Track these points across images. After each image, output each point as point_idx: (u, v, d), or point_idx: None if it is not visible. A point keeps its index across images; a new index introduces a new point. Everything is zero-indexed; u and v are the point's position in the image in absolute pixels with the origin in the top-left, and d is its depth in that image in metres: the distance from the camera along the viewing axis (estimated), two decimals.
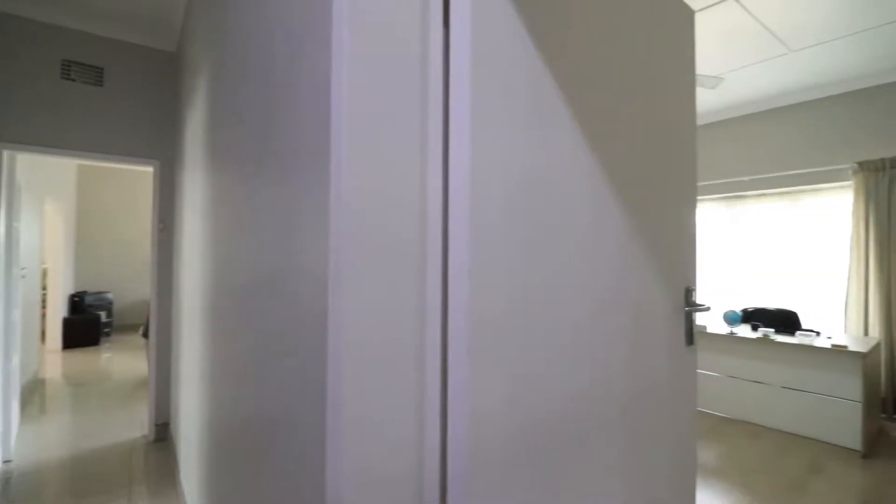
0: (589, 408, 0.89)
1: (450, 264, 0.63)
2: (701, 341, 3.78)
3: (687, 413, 1.14)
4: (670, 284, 1.10)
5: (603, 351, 0.93)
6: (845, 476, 2.68)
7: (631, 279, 1.00)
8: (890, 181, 3.73)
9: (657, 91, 1.09)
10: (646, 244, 1.04)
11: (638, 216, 1.02)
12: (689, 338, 1.13)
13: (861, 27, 3.10)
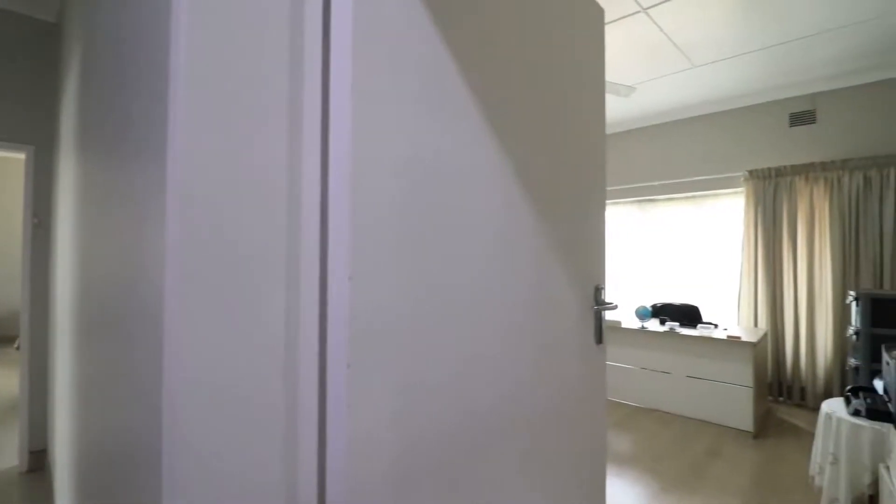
0: (494, 415, 0.85)
1: (329, 268, 0.54)
2: (616, 336, 3.98)
3: (597, 411, 1.14)
4: (580, 284, 1.09)
5: (510, 355, 0.88)
6: (739, 456, 2.94)
7: (541, 280, 0.97)
8: (775, 188, 4.18)
9: (568, 91, 1.08)
10: (556, 243, 1.02)
11: (548, 215, 1.00)
12: (598, 336, 1.13)
13: (753, 47, 3.42)
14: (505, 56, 0.89)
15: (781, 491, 2.50)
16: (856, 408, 1.99)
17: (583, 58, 1.13)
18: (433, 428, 0.71)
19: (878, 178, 3.65)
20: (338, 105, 0.56)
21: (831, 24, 3.05)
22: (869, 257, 3.66)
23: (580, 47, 1.13)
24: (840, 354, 3.75)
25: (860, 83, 3.86)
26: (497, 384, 0.86)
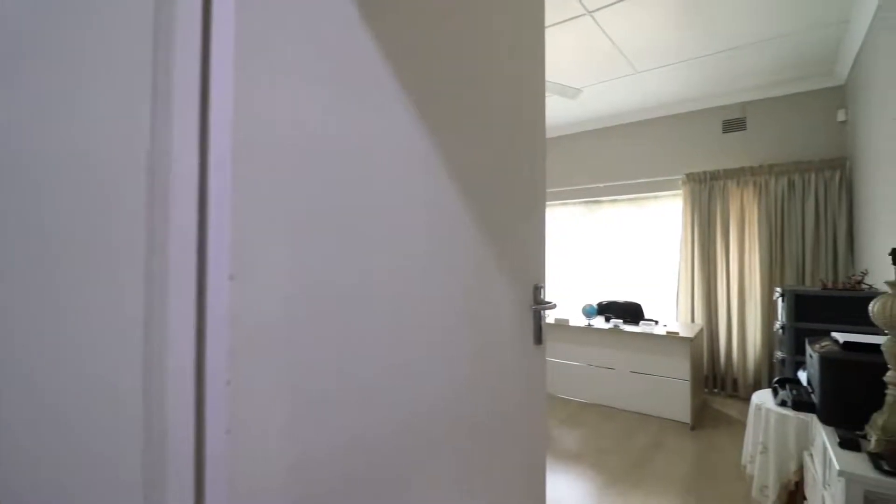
0: (424, 424, 0.77)
1: (208, 266, 0.45)
2: (565, 334, 4.04)
3: (536, 413, 1.10)
4: (519, 283, 1.04)
5: (441, 359, 0.81)
6: (678, 448, 3.04)
7: (477, 279, 0.91)
8: (710, 191, 4.40)
9: (507, 87, 1.03)
10: (494, 241, 0.96)
11: (485, 213, 0.94)
12: (537, 336, 1.09)
13: (689, 56, 3.58)
14: (439, 49, 0.83)
15: (717, 480, 2.61)
16: (782, 399, 2.09)
17: (522, 54, 1.09)
18: (346, 446, 0.62)
19: (801, 182, 3.93)
20: (220, 61, 0.47)
21: (756, 37, 3.24)
22: (793, 256, 3.93)
23: (520, 43, 1.08)
24: (768, 347, 3.99)
25: (785, 94, 4.14)
26: (426, 391, 0.78)
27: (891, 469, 1.15)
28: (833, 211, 3.76)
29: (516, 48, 1.07)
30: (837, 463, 1.23)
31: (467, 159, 0.90)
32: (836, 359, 1.51)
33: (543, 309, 1.07)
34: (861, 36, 3.06)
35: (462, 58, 0.89)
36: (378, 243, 0.69)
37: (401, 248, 0.73)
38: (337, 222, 0.61)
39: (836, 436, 1.37)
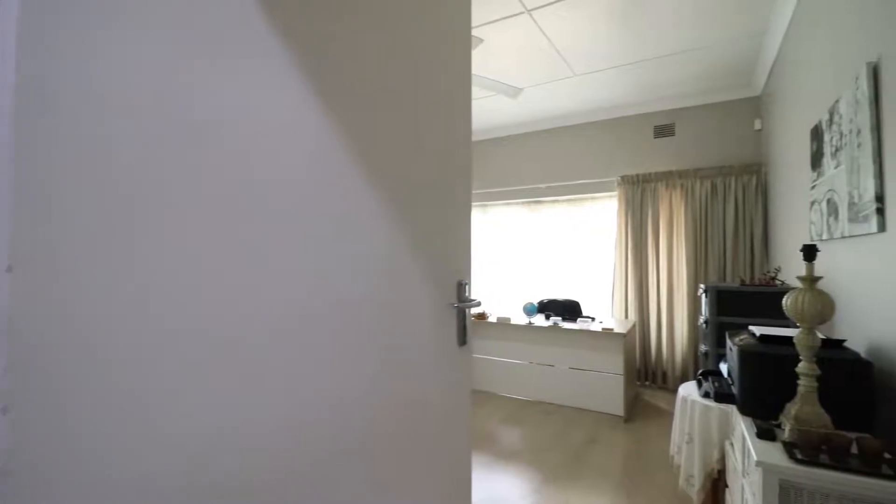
0: (325, 443, 0.67)
1: None
2: (506, 332, 4.06)
3: (459, 417, 1.03)
4: (440, 280, 0.97)
5: (343, 369, 0.72)
6: (613, 441, 3.12)
7: (390, 275, 0.82)
8: (642, 193, 4.59)
9: (432, 78, 0.95)
10: (410, 235, 0.88)
11: (400, 205, 0.85)
12: (461, 337, 1.02)
13: (623, 62, 3.70)
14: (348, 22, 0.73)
15: (648, 471, 2.69)
16: (706, 390, 2.18)
17: (446, 41, 1.02)
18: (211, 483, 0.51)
19: (722, 185, 4.19)
20: None
21: (683, 47, 3.41)
22: (715, 254, 4.18)
23: (444, 30, 1.01)
24: (694, 341, 4.23)
25: (709, 102, 4.41)
26: (323, 407, 0.68)
27: (803, 458, 1.19)
28: (750, 212, 4.04)
29: (440, 34, 1.00)
30: (755, 453, 1.26)
31: (379, 149, 0.81)
32: (753, 351, 1.57)
33: (468, 307, 1.00)
34: (775, 49, 3.30)
35: (378, 40, 0.80)
36: (255, 235, 0.58)
37: (290, 241, 0.63)
38: (185, 209, 0.50)
39: (754, 426, 1.41)
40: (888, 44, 1.43)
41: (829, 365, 1.37)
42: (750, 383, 1.57)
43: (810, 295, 1.34)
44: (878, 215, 1.50)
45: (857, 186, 1.65)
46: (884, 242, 1.49)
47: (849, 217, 1.76)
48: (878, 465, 1.14)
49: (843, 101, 1.78)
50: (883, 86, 1.47)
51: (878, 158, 1.50)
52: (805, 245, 1.37)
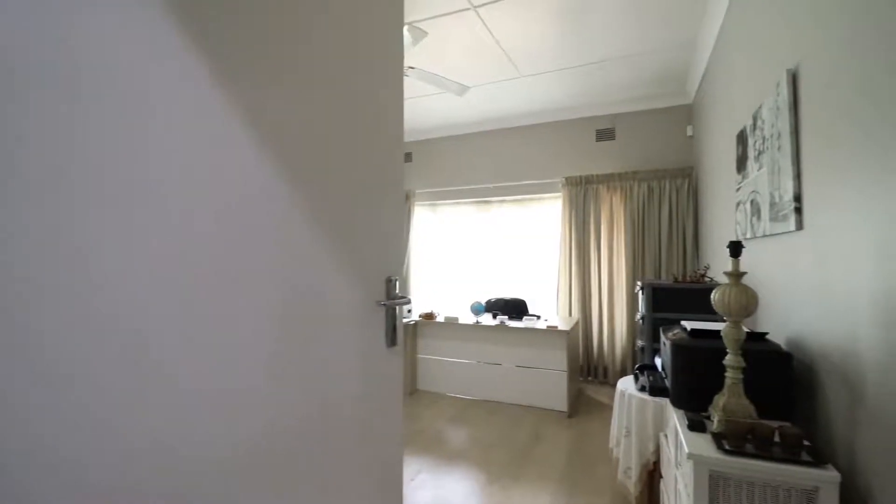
0: (226, 468, 0.58)
1: None
2: (454, 332, 4.02)
3: (389, 425, 0.96)
4: (365, 276, 0.89)
5: (227, 366, 0.62)
6: (557, 437, 3.16)
7: (301, 270, 0.73)
8: (584, 194, 4.73)
9: (357, 69, 0.87)
10: (327, 226, 0.79)
11: (312, 196, 0.77)
12: (391, 337, 0.95)
13: (567, 65, 3.77)
14: None
15: (589, 465, 2.74)
16: (642, 384, 2.24)
17: (377, 35, 0.94)
18: None
19: (658, 188, 4.39)
20: None
21: (622, 52, 3.53)
22: (652, 253, 4.38)
23: (375, 25, 0.93)
24: (632, 337, 4.40)
25: (647, 109, 4.61)
26: (222, 424, 0.59)
27: (731, 448, 1.23)
28: (683, 213, 4.27)
29: (369, 24, 0.92)
30: (687, 445, 1.29)
31: (295, 143, 0.72)
32: (684, 345, 1.62)
33: (397, 304, 0.93)
34: (705, 59, 3.49)
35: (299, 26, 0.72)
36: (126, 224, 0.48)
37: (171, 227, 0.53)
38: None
39: (686, 418, 1.45)
40: (806, 52, 1.51)
41: (752, 357, 1.43)
42: (682, 376, 1.61)
43: (736, 290, 1.38)
44: (797, 214, 1.58)
45: (778, 187, 1.75)
46: (801, 240, 1.58)
47: (770, 217, 1.87)
48: (798, 451, 1.19)
49: (766, 106, 1.88)
50: (801, 91, 1.56)
51: (797, 160, 1.59)
52: (731, 242, 1.42)
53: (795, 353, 1.62)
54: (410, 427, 3.33)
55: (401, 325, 0.96)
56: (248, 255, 0.64)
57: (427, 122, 5.33)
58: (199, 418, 0.58)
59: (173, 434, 0.54)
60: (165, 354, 0.54)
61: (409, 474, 2.64)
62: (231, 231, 0.61)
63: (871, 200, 1.12)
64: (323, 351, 0.77)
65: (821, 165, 1.42)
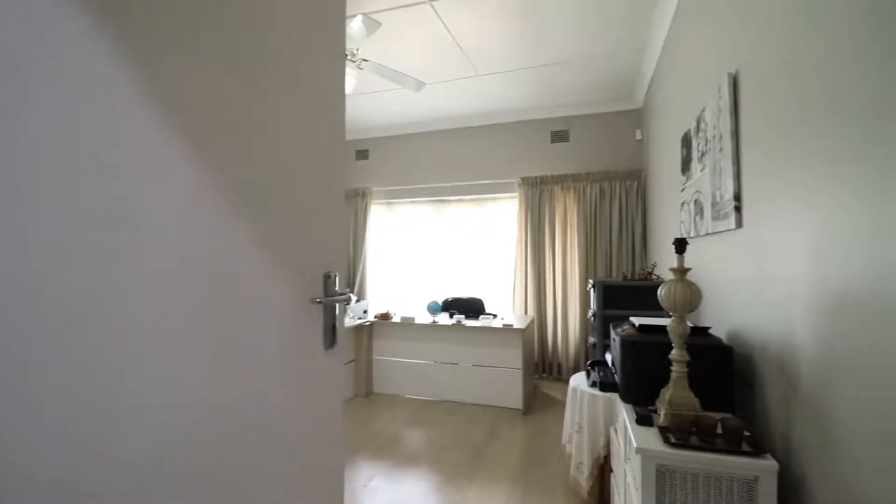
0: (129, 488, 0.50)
1: None
2: (410, 332, 3.96)
3: (327, 434, 0.89)
4: (300, 272, 0.81)
5: (130, 382, 0.54)
6: (512, 434, 3.17)
7: (215, 263, 0.65)
8: (540, 194, 4.79)
9: (295, 57, 0.80)
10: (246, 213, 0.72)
11: (231, 182, 0.69)
12: (329, 338, 0.88)
13: (523, 65, 3.80)
14: None
15: (543, 462, 2.76)
16: (593, 380, 2.27)
17: (315, 12, 0.87)
18: None
19: (609, 189, 4.52)
20: None
21: (576, 55, 3.60)
22: (603, 252, 4.50)
23: (310, 10, 0.86)
24: (585, 333, 4.51)
25: (599, 112, 4.73)
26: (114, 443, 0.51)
27: (676, 441, 1.25)
28: (632, 214, 4.42)
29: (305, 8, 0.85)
30: (635, 440, 1.30)
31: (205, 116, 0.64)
32: (632, 341, 1.65)
33: (336, 302, 0.86)
34: (653, 65, 3.62)
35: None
36: None
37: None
38: None
39: (634, 413, 1.47)
40: (746, 56, 1.57)
41: (696, 351, 1.46)
42: (630, 371, 1.63)
43: (681, 286, 1.41)
44: (736, 213, 1.64)
45: (720, 187, 1.81)
46: (741, 237, 1.64)
47: (712, 215, 1.94)
48: (739, 442, 1.23)
49: (709, 109, 1.95)
50: (741, 95, 1.62)
51: (737, 161, 1.65)
52: (676, 238, 1.45)
53: (736, 346, 1.68)
54: (365, 431, 3.24)
55: (342, 324, 0.89)
56: (144, 250, 0.56)
57: (384, 118, 5.23)
58: (83, 437, 0.49)
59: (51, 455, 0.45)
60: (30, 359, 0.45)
61: (361, 480, 2.56)
62: (116, 222, 0.53)
63: (805, 199, 1.17)
64: (246, 356, 0.70)
65: (758, 166, 1.48)
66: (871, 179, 0.89)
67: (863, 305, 0.92)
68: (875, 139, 0.87)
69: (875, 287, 0.87)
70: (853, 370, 0.95)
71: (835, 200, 1.02)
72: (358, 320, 4.04)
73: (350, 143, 5.76)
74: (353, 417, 3.50)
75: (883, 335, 0.86)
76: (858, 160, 0.93)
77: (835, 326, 1.02)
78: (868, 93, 0.90)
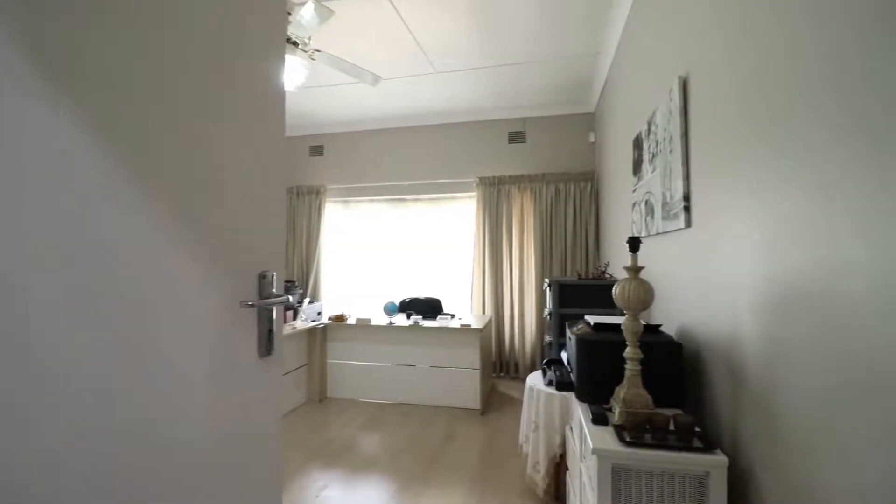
0: None
1: None
2: (366, 334, 3.85)
3: (264, 452, 0.80)
4: (228, 270, 0.73)
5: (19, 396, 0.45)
6: (469, 435, 3.14)
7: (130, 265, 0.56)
8: (497, 194, 4.81)
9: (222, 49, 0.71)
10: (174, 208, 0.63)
11: (149, 170, 0.60)
12: (265, 346, 0.79)
13: (481, 64, 3.79)
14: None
15: (500, 462, 2.75)
16: (549, 379, 2.28)
17: None
18: None
19: (564, 190, 4.60)
20: None
21: (534, 57, 3.63)
22: (559, 252, 4.58)
23: None
24: (541, 332, 4.56)
25: (555, 114, 4.81)
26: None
27: (631, 440, 1.25)
28: (586, 214, 4.52)
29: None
30: (591, 440, 1.29)
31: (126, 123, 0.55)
32: (588, 339, 1.65)
33: (273, 305, 0.78)
34: (606, 69, 3.71)
35: None
36: None
37: None
38: None
39: (590, 412, 1.46)
40: (695, 59, 1.61)
41: (648, 348, 1.48)
42: (586, 370, 1.64)
43: (635, 284, 1.42)
44: (686, 212, 1.68)
45: (670, 188, 1.86)
46: (690, 236, 1.68)
47: (662, 215, 1.98)
48: (691, 438, 1.24)
49: (659, 111, 2.00)
50: (691, 97, 1.66)
51: (686, 162, 1.69)
52: (630, 237, 1.46)
53: (685, 342, 1.72)
54: (318, 438, 3.11)
55: (280, 329, 0.81)
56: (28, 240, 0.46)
57: (340, 113, 5.07)
58: None
59: None
60: None
61: (314, 490, 2.44)
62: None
63: (752, 198, 1.20)
64: (162, 368, 0.60)
65: (707, 167, 1.52)
66: (809, 180, 0.91)
67: (803, 301, 0.95)
68: (811, 142, 0.89)
69: (813, 284, 0.89)
70: (795, 363, 0.98)
71: (779, 201, 1.04)
72: (311, 322, 3.88)
73: (303, 138, 5.55)
74: (305, 424, 3.36)
75: (823, 329, 0.88)
76: (796, 161, 0.95)
77: (779, 322, 1.05)
78: (810, 93, 0.92)
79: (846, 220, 0.81)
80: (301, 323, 3.78)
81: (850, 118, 0.80)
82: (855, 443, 0.78)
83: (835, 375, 0.84)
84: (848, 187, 0.80)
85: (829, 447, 0.86)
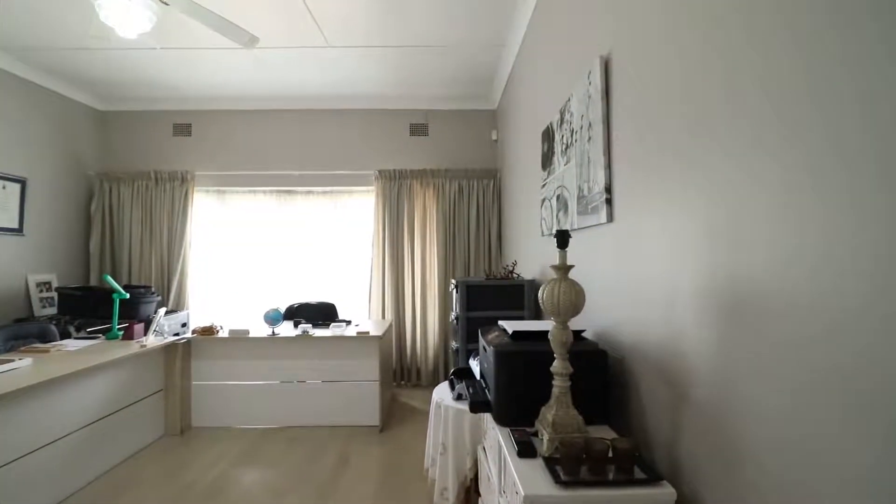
0: None
1: None
2: (242, 349, 3.25)
3: None
4: None
5: None
6: (366, 459, 2.77)
7: None
8: (398, 189, 4.49)
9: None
10: None
11: None
12: None
13: (381, 42, 3.43)
14: None
15: (402, 487, 2.43)
16: (459, 392, 2.03)
17: None
18: None
19: (468, 187, 4.45)
20: None
21: (438, 41, 3.37)
22: (462, 251, 4.40)
23: None
24: (444, 337, 4.34)
25: (457, 109, 4.63)
26: None
27: (568, 478, 1.01)
28: (489, 213, 4.41)
29: None
30: (521, 483, 1.03)
31: None
32: (507, 351, 1.41)
33: None
34: (510, 65, 3.60)
35: None
36: None
37: None
38: None
39: (514, 443, 1.21)
40: (620, 36, 1.46)
41: (575, 359, 1.27)
42: (506, 388, 1.39)
43: (565, 285, 1.21)
44: (608, 206, 1.53)
45: (588, 179, 1.70)
46: (612, 232, 1.53)
47: (578, 210, 1.84)
48: (631, 467, 1.05)
49: (575, 97, 1.85)
50: (613, 78, 1.50)
51: (608, 150, 1.54)
52: (558, 231, 1.24)
53: (608, 349, 1.57)
54: (177, 481, 2.48)
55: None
56: None
57: (213, 86, 4.31)
58: None
59: None
60: None
61: None
62: None
63: (682, 189, 1.05)
64: None
65: (632, 155, 1.36)
66: (760, 162, 0.75)
67: (757, 304, 0.79)
68: (758, 120, 0.73)
69: (771, 283, 0.73)
70: (752, 373, 0.81)
71: (721, 189, 0.88)
72: (172, 337, 3.17)
73: (166, 113, 4.63)
74: (159, 465, 2.69)
75: (780, 334, 0.72)
76: (744, 142, 0.79)
77: (730, 327, 0.89)
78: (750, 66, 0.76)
79: (809, 204, 0.63)
80: (154, 339, 3.05)
81: (792, 94, 0.63)
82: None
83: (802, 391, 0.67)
84: (800, 170, 0.63)
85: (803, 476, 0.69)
